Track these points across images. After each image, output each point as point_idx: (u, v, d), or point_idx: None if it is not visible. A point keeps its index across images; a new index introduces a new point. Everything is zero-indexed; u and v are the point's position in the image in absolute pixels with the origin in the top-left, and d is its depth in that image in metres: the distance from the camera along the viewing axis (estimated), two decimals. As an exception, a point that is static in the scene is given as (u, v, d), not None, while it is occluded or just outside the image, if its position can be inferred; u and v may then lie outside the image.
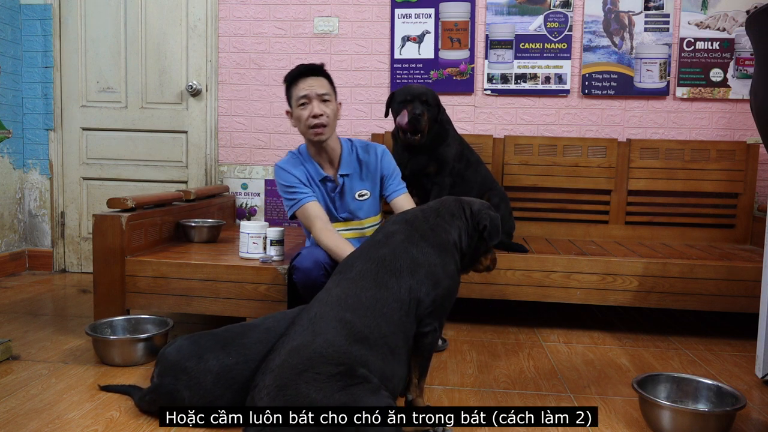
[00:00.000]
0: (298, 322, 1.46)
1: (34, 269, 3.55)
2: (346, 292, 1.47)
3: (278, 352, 1.40)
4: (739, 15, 3.10)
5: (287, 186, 2.10)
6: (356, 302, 1.45)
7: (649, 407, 1.63)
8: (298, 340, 1.39)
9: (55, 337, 2.31)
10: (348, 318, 1.41)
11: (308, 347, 1.35)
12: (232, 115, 3.41)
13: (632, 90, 3.17)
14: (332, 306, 1.45)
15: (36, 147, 3.49)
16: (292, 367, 1.33)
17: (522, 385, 1.96)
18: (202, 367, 1.58)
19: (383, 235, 1.61)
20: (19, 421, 1.59)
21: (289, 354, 1.36)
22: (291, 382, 1.31)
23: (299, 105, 2.06)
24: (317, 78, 2.07)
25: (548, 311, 2.89)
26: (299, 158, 2.17)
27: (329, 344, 1.36)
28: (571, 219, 3.13)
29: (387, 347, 1.41)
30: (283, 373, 1.33)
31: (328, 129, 2.07)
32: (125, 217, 2.28)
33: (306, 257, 2.00)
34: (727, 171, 3.03)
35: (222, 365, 1.58)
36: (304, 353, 1.34)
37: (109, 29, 3.43)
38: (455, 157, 2.60)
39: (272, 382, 1.33)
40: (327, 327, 1.39)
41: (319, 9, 3.31)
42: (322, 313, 1.44)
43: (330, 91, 2.09)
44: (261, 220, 3.42)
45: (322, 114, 2.03)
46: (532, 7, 3.19)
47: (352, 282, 1.50)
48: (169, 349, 1.67)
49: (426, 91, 2.51)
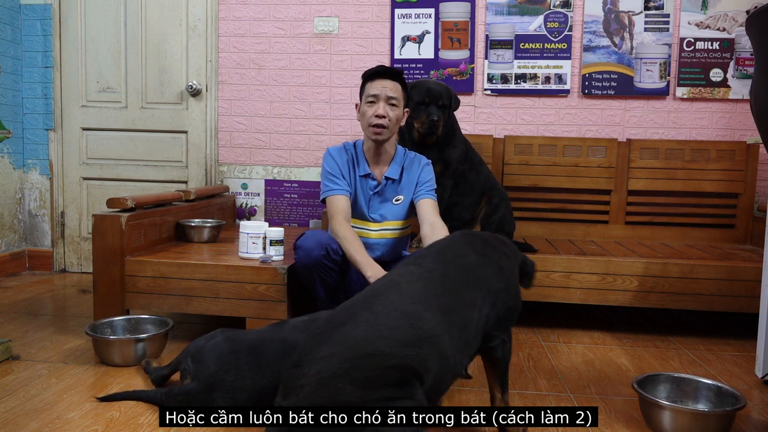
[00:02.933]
0: (359, 308, 1.28)
1: (34, 269, 3.55)
2: (425, 291, 1.33)
3: (327, 337, 1.23)
4: (739, 15, 3.10)
5: (329, 172, 2.17)
6: (434, 302, 1.30)
7: (649, 407, 1.63)
8: (357, 331, 1.22)
9: (55, 337, 2.31)
10: (422, 315, 1.27)
11: (368, 343, 1.20)
12: (232, 115, 3.41)
13: (632, 90, 3.17)
14: (406, 299, 1.29)
15: (36, 147, 3.49)
16: (344, 361, 1.17)
17: (522, 385, 1.96)
18: (239, 385, 1.60)
19: (458, 250, 1.51)
20: (19, 421, 1.59)
21: (344, 345, 1.20)
22: (337, 380, 1.16)
23: (368, 102, 2.10)
24: (392, 81, 2.11)
25: (548, 311, 2.89)
26: (351, 150, 2.22)
27: (393, 343, 1.20)
28: (571, 219, 3.13)
29: (451, 354, 1.31)
30: (329, 366, 1.17)
31: (387, 131, 2.11)
32: (125, 217, 2.28)
33: (309, 237, 2.06)
34: (727, 171, 3.03)
35: (256, 386, 1.60)
36: (361, 348, 1.18)
37: (109, 29, 3.43)
38: (460, 159, 2.62)
39: (315, 376, 1.17)
40: (395, 322, 1.23)
41: (319, 9, 3.31)
42: (395, 303, 1.28)
43: (400, 97, 2.13)
44: (261, 220, 3.42)
45: (385, 116, 2.08)
46: (532, 7, 3.19)
47: (431, 282, 1.36)
48: (207, 351, 1.66)
49: (443, 92, 2.51)
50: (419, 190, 2.19)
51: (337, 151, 2.21)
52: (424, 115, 2.47)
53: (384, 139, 2.12)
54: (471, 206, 2.69)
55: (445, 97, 2.51)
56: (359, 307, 1.30)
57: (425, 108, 2.48)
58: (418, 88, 2.51)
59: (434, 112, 2.46)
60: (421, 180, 2.20)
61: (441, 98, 2.49)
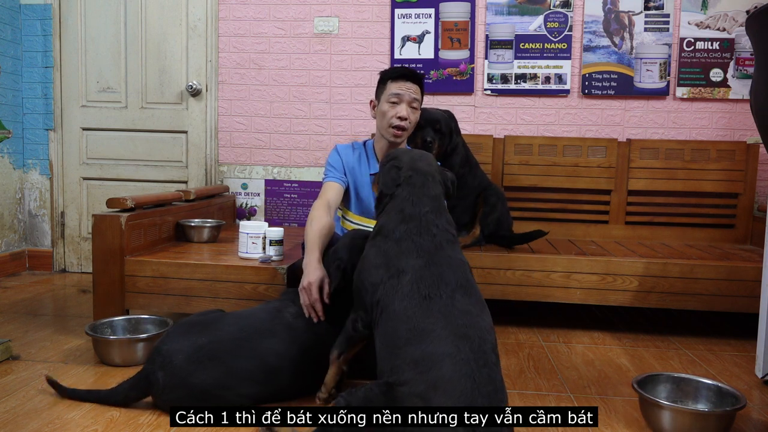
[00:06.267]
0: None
1: (34, 269, 3.55)
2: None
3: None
4: (739, 15, 3.10)
5: (330, 164, 2.20)
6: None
7: (649, 407, 1.63)
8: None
9: (55, 337, 2.31)
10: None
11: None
12: (232, 115, 3.41)
13: (632, 90, 3.17)
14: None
15: (36, 147, 3.49)
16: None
17: (522, 385, 1.96)
18: (175, 348, 1.63)
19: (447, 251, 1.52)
20: (19, 421, 1.59)
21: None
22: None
23: (390, 102, 2.10)
24: (415, 84, 2.11)
25: (548, 311, 2.89)
26: (359, 150, 2.23)
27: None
28: (571, 219, 3.13)
29: None
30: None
31: (406, 134, 2.13)
32: (125, 217, 2.28)
33: None
34: (727, 171, 3.03)
35: (194, 345, 1.63)
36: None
37: (109, 29, 3.43)
38: (461, 163, 2.62)
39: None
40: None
41: (319, 9, 3.31)
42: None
43: (420, 101, 2.14)
44: (261, 220, 3.42)
45: (407, 119, 2.09)
46: (532, 7, 3.19)
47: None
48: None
49: (440, 118, 2.50)
50: None
51: (343, 148, 2.23)
52: (419, 137, 2.45)
53: (402, 141, 2.14)
54: (469, 208, 2.69)
55: (443, 122, 2.50)
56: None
57: (420, 131, 2.46)
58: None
59: (428, 133, 2.45)
60: None
61: (437, 122, 2.48)
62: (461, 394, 1.19)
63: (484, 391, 1.20)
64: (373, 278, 1.48)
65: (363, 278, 1.53)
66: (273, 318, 1.76)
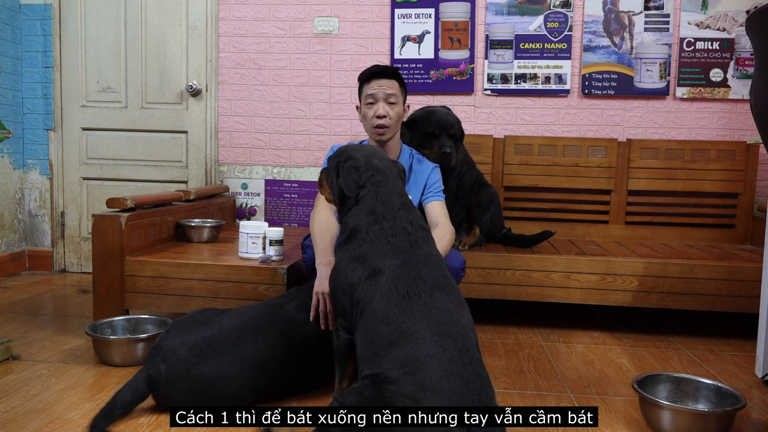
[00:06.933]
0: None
1: (34, 269, 3.55)
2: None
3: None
4: (739, 15, 3.10)
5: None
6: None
7: (649, 407, 1.63)
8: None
9: (55, 337, 2.31)
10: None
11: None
12: (232, 115, 3.41)
13: (632, 90, 3.17)
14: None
15: (36, 147, 3.49)
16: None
17: (522, 385, 1.96)
18: (176, 342, 1.64)
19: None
20: (19, 421, 1.59)
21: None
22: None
23: (367, 103, 2.11)
24: (388, 80, 2.11)
25: (548, 311, 2.89)
26: None
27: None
28: (571, 219, 3.13)
29: None
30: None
31: (389, 130, 2.11)
32: (125, 217, 2.28)
33: None
34: (727, 171, 3.03)
35: (197, 337, 1.65)
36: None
37: (109, 29, 3.43)
38: (462, 161, 2.63)
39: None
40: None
41: (319, 9, 3.31)
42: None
43: (398, 94, 2.12)
44: (261, 220, 3.42)
45: (386, 115, 2.08)
46: (532, 7, 3.19)
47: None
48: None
49: (453, 122, 2.45)
50: (428, 193, 2.19)
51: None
52: (436, 146, 2.40)
53: (388, 138, 2.13)
54: (464, 206, 2.71)
55: (456, 126, 2.46)
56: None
57: (436, 139, 2.41)
58: (424, 118, 2.45)
59: (446, 143, 2.39)
60: (429, 183, 2.20)
61: (451, 128, 2.43)
62: (451, 393, 1.20)
63: (473, 388, 1.22)
64: (351, 279, 1.48)
65: (339, 282, 1.53)
66: (274, 311, 1.79)
